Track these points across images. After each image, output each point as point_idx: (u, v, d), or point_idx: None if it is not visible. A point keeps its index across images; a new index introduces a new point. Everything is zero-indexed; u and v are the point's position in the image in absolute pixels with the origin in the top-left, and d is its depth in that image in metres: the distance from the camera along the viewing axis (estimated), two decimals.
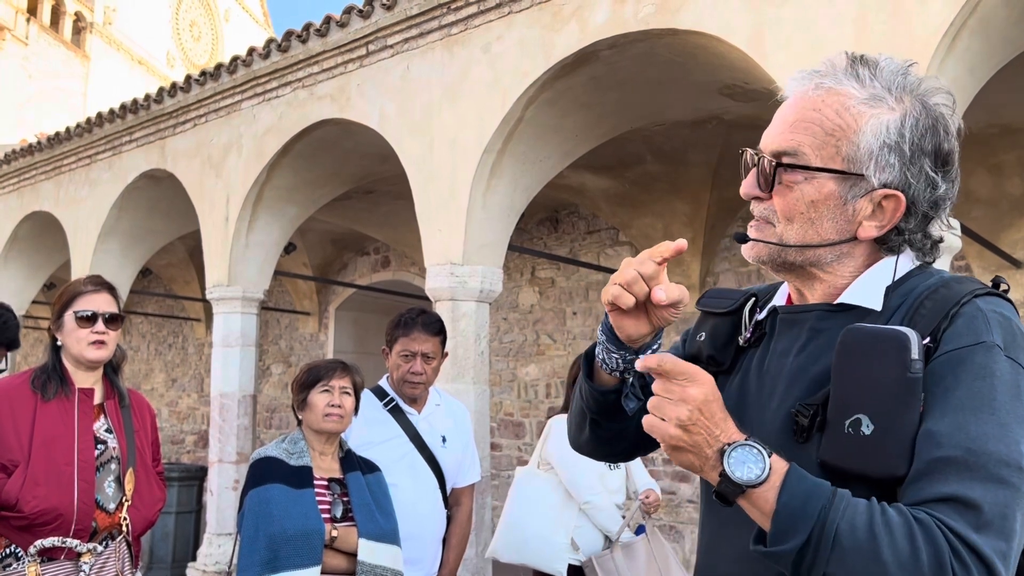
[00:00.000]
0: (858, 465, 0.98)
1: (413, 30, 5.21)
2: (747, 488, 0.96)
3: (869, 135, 1.08)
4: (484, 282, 4.94)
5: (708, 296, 1.33)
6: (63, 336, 2.52)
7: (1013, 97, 4.84)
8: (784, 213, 1.11)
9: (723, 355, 1.26)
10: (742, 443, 0.97)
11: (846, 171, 1.08)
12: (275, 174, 6.33)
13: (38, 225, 9.00)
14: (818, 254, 1.11)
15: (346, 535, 2.60)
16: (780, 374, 1.13)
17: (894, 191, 1.08)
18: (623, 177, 6.84)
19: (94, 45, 27.25)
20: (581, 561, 3.36)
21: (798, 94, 1.14)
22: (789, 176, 1.10)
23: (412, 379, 2.96)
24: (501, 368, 8.44)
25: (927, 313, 1.04)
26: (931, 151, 1.09)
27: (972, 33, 3.40)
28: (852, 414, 0.98)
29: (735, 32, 3.86)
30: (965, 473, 0.92)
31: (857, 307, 1.10)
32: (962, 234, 3.61)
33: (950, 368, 0.98)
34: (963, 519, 0.91)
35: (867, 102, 1.09)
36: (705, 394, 0.99)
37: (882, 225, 1.10)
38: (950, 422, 0.95)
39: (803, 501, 0.93)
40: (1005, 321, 1.02)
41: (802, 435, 1.05)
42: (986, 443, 0.93)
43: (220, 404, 6.60)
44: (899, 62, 1.12)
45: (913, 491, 0.95)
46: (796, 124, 1.11)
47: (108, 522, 2.43)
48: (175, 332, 12.36)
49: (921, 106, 1.10)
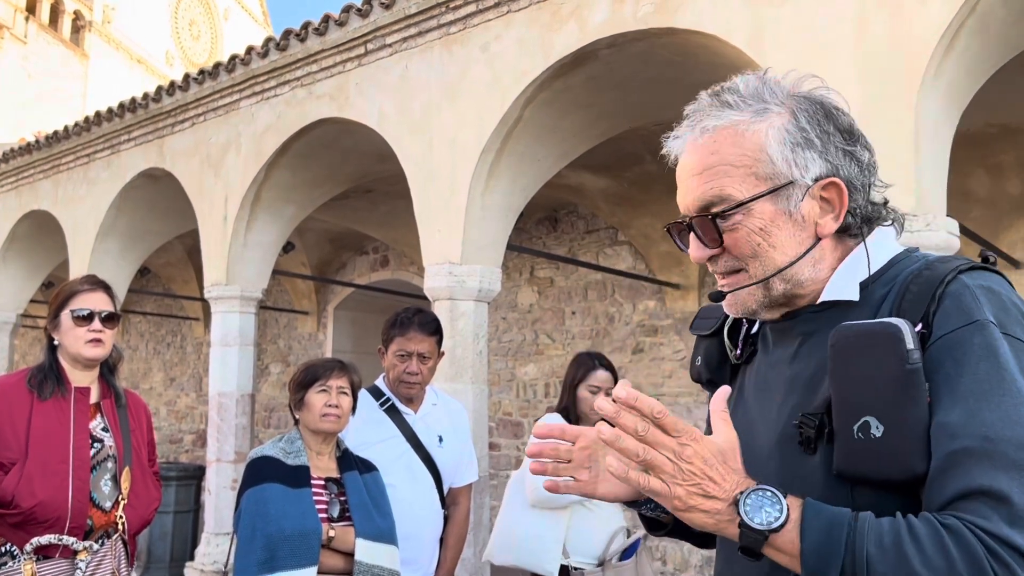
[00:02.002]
0: (876, 470, 0.94)
1: (412, 29, 5.20)
2: (769, 534, 0.92)
3: (775, 144, 1.07)
4: (483, 282, 4.94)
5: (698, 318, 1.33)
6: (60, 335, 2.52)
7: (1012, 97, 4.84)
8: (745, 253, 1.09)
9: (719, 375, 1.25)
10: (754, 489, 0.94)
11: (775, 186, 1.07)
12: (273, 173, 6.32)
13: (36, 224, 8.99)
14: (796, 272, 1.08)
15: (343, 535, 2.60)
16: (777, 384, 1.12)
17: (829, 178, 1.07)
18: (622, 177, 6.84)
19: (93, 44, 27.25)
20: (573, 566, 3.34)
21: (688, 149, 1.13)
22: (728, 222, 1.08)
23: (408, 379, 2.95)
24: (500, 368, 8.44)
25: (914, 298, 1.00)
26: (835, 131, 1.09)
27: (971, 33, 3.40)
28: (859, 418, 0.95)
29: (734, 32, 3.86)
30: (986, 463, 0.88)
31: (840, 302, 1.08)
32: (961, 234, 3.60)
33: (948, 353, 0.95)
34: (995, 514, 0.86)
35: (755, 119, 1.08)
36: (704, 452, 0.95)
37: (837, 214, 1.09)
38: (961, 411, 0.91)
39: (827, 535, 0.90)
40: (993, 295, 0.99)
41: (809, 447, 1.02)
42: (1003, 428, 0.89)
43: (218, 403, 6.59)
44: (754, 74, 1.13)
45: (937, 489, 0.91)
46: (705, 174, 1.09)
47: (104, 520, 2.43)
48: (173, 331, 12.35)
49: (802, 97, 1.10)
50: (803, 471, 1.02)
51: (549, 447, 1.17)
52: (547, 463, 1.17)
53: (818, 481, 1.00)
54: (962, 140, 4.21)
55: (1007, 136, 5.41)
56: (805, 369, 1.08)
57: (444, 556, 3.07)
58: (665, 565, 7.06)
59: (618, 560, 3.37)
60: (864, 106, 3.48)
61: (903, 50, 3.40)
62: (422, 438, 2.98)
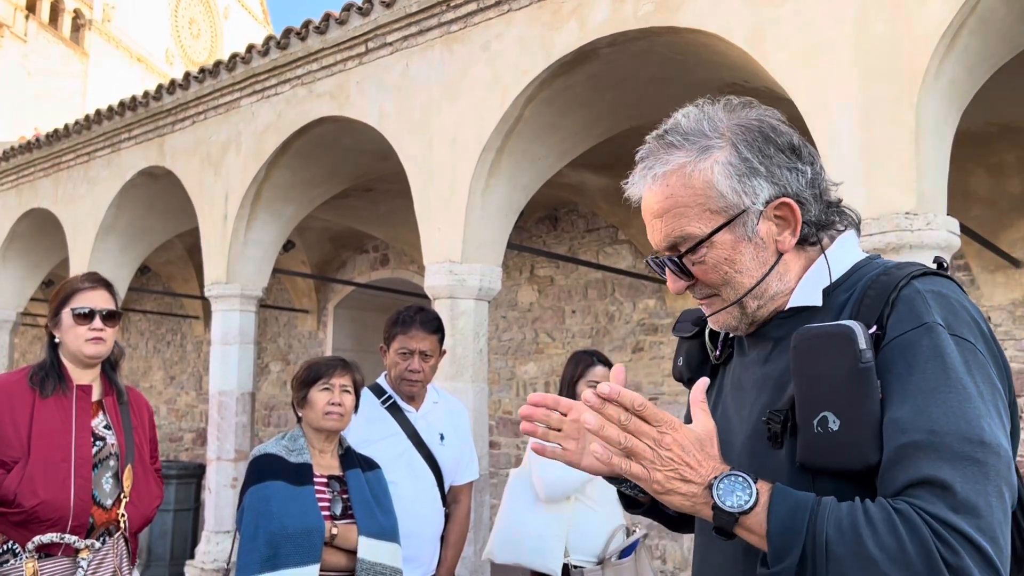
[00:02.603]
0: (835, 461, 1.02)
1: (412, 28, 5.20)
2: (739, 516, 0.99)
3: (722, 179, 1.14)
4: (483, 280, 4.94)
5: (679, 321, 1.41)
6: (61, 333, 2.53)
7: (1012, 96, 4.84)
8: (715, 281, 1.17)
9: (699, 375, 1.30)
10: (727, 473, 1.02)
11: (730, 218, 1.14)
12: (274, 172, 6.32)
13: (36, 222, 9.00)
14: (765, 288, 1.17)
15: (346, 532, 2.60)
16: (751, 384, 1.20)
17: (779, 199, 1.15)
18: (622, 176, 6.72)
19: (93, 42, 27.24)
20: (574, 564, 3.35)
21: (645, 196, 1.21)
22: (694, 256, 1.16)
23: (410, 377, 2.96)
24: (500, 366, 8.44)
25: (871, 302, 1.08)
26: (775, 151, 1.16)
27: (971, 32, 3.40)
28: (818, 413, 1.02)
29: (735, 31, 3.86)
30: (932, 455, 0.95)
31: (807, 308, 1.16)
32: (961, 233, 3.61)
33: (900, 353, 1.02)
34: (940, 501, 0.93)
35: (699, 157, 1.15)
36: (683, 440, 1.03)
37: (793, 229, 1.16)
38: (911, 407, 0.98)
39: (791, 518, 0.97)
40: (942, 299, 1.05)
41: (776, 441, 1.09)
42: (947, 423, 0.96)
43: (218, 402, 6.60)
44: (693, 109, 1.20)
45: (888, 480, 0.98)
46: (664, 217, 1.17)
47: (106, 518, 2.43)
48: (174, 330, 12.36)
49: (740, 127, 1.16)
50: (771, 463, 1.09)
51: (541, 413, 1.22)
52: (538, 426, 1.23)
53: (784, 472, 1.07)
54: (963, 139, 4.22)
55: (1008, 135, 5.41)
56: (775, 370, 1.15)
57: (445, 554, 3.07)
58: (665, 564, 7.07)
59: (617, 558, 3.38)
60: (865, 105, 3.48)
61: (904, 49, 3.41)
62: (423, 436, 2.99)
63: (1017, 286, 5.80)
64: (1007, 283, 5.82)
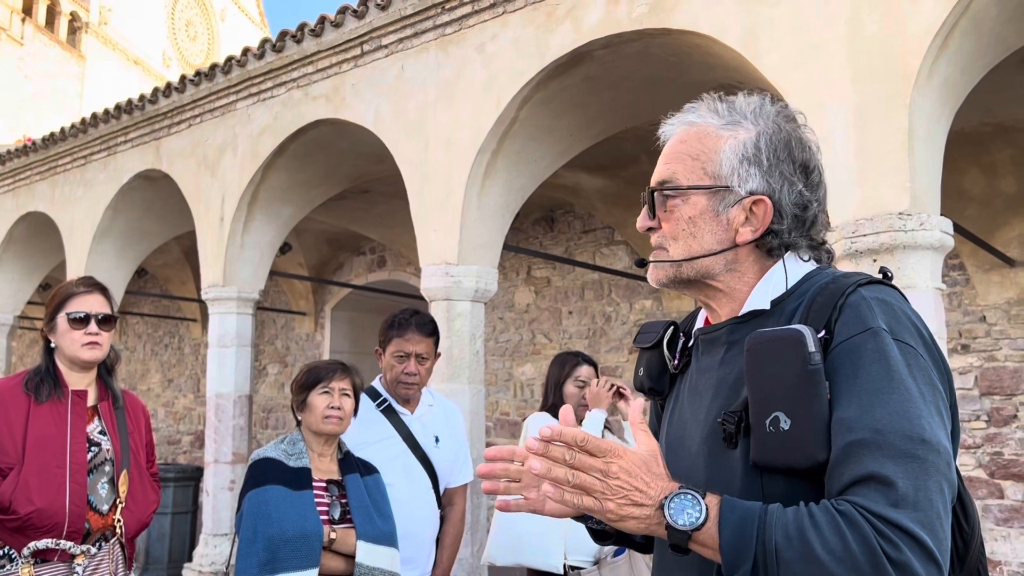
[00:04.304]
0: (784, 459, 1.06)
1: (408, 30, 5.21)
2: (692, 532, 1.02)
3: (728, 152, 1.22)
4: (479, 282, 4.94)
5: (640, 332, 1.46)
6: (56, 338, 2.52)
7: (1005, 96, 4.85)
8: (670, 234, 1.25)
9: (660, 384, 1.38)
10: (677, 492, 1.04)
11: (712, 185, 1.21)
12: (270, 174, 6.32)
13: (33, 226, 8.99)
14: (705, 264, 1.23)
15: (344, 537, 2.60)
16: (706, 388, 1.24)
17: (760, 196, 1.20)
18: (618, 177, 6.85)
19: (90, 45, 27.21)
20: (571, 565, 3.35)
21: (671, 136, 1.29)
22: (670, 202, 1.24)
23: (406, 380, 2.96)
24: (497, 368, 8.45)
25: (819, 308, 1.13)
26: (786, 160, 1.22)
27: (964, 33, 3.41)
28: (770, 413, 1.06)
29: (728, 32, 3.87)
30: (876, 452, 0.99)
31: (761, 313, 1.21)
32: (955, 233, 3.61)
33: (847, 357, 1.07)
34: (882, 497, 0.97)
35: (725, 127, 1.24)
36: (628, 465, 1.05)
37: (756, 228, 1.21)
38: (856, 407, 1.03)
39: (740, 529, 1.00)
40: (886, 306, 1.11)
41: (731, 441, 1.13)
42: (890, 422, 1.01)
43: (216, 404, 6.59)
44: (757, 97, 1.28)
45: (835, 478, 1.02)
46: (669, 156, 1.26)
47: (101, 524, 2.43)
48: (171, 332, 12.35)
49: (775, 126, 1.24)
50: (726, 463, 1.13)
51: (500, 467, 1.23)
52: (499, 483, 1.25)
53: (738, 471, 1.11)
54: (956, 139, 4.23)
55: (1001, 135, 5.42)
56: (730, 373, 1.19)
57: (441, 556, 3.08)
58: None
59: (612, 557, 3.39)
60: (858, 106, 3.49)
61: (897, 50, 3.41)
62: (419, 438, 2.99)
63: (1012, 285, 5.81)
64: (1002, 282, 5.84)
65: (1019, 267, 5.78)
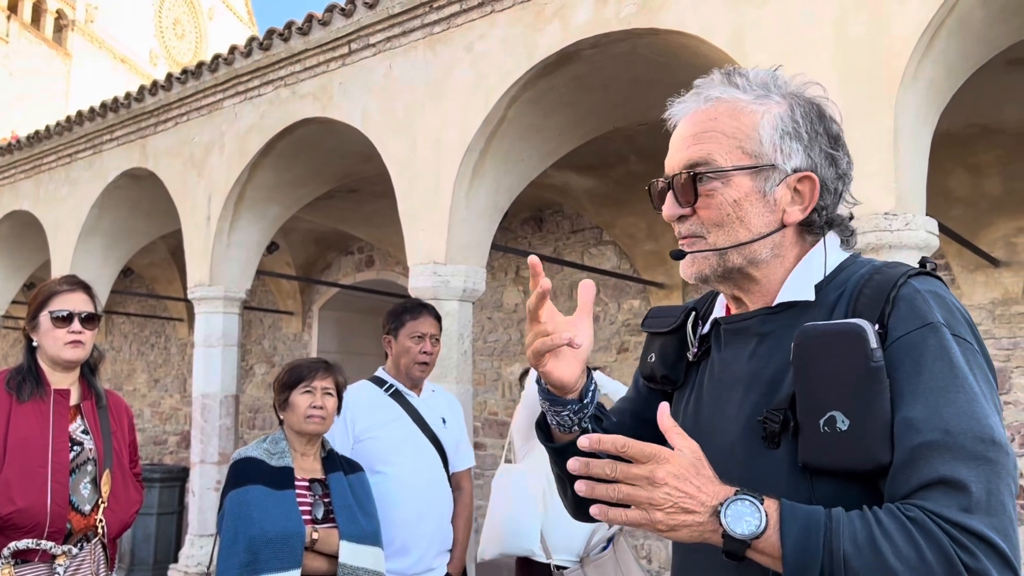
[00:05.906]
0: (842, 461, 0.99)
1: (395, 29, 5.19)
2: (752, 541, 0.95)
3: (768, 128, 1.14)
4: (467, 281, 4.94)
5: (650, 316, 1.38)
6: (39, 336, 2.50)
7: (991, 97, 4.88)
8: (712, 221, 1.15)
9: (675, 372, 1.29)
10: (733, 498, 0.96)
11: (758, 164, 1.13)
12: (257, 173, 6.29)
13: (18, 224, 8.92)
14: (754, 250, 1.14)
15: (327, 537, 2.59)
16: (734, 381, 1.16)
17: (807, 172, 1.14)
18: (607, 177, 6.85)
19: (76, 43, 27.04)
20: (556, 564, 3.35)
21: (690, 113, 1.19)
22: (707, 186, 1.14)
23: (423, 359, 3.13)
24: (485, 367, 8.44)
25: (868, 301, 1.06)
26: (823, 132, 1.16)
27: (950, 33, 3.43)
28: (825, 413, 0.99)
29: (716, 32, 3.88)
30: (947, 455, 0.94)
31: (795, 304, 1.13)
32: (940, 233, 3.63)
33: (907, 352, 1.01)
34: (954, 502, 0.92)
35: (756, 101, 1.15)
36: (676, 469, 0.97)
37: (805, 207, 1.14)
38: (923, 407, 0.97)
39: (805, 537, 0.93)
40: (940, 299, 1.05)
41: (773, 441, 1.06)
42: (959, 422, 0.95)
43: (202, 405, 6.55)
44: (766, 69, 1.21)
45: (901, 480, 0.96)
46: (698, 136, 1.15)
47: (83, 524, 2.40)
48: (157, 332, 12.27)
49: (802, 96, 1.18)
50: (766, 463, 1.06)
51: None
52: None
53: (782, 473, 1.04)
54: (942, 139, 4.25)
55: (987, 135, 5.46)
56: (765, 368, 1.12)
57: (457, 533, 3.18)
58: (650, 564, 7.08)
59: (595, 554, 3.41)
60: (844, 106, 3.50)
61: (882, 50, 3.43)
62: (427, 419, 3.12)
63: (996, 285, 5.85)
64: (987, 282, 5.88)
65: (1004, 267, 5.82)
